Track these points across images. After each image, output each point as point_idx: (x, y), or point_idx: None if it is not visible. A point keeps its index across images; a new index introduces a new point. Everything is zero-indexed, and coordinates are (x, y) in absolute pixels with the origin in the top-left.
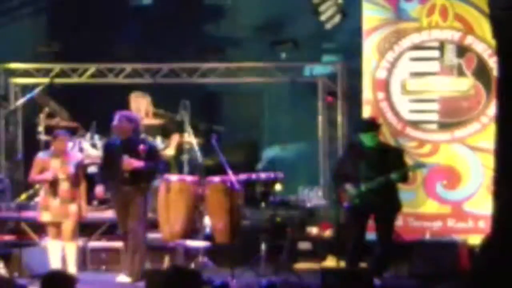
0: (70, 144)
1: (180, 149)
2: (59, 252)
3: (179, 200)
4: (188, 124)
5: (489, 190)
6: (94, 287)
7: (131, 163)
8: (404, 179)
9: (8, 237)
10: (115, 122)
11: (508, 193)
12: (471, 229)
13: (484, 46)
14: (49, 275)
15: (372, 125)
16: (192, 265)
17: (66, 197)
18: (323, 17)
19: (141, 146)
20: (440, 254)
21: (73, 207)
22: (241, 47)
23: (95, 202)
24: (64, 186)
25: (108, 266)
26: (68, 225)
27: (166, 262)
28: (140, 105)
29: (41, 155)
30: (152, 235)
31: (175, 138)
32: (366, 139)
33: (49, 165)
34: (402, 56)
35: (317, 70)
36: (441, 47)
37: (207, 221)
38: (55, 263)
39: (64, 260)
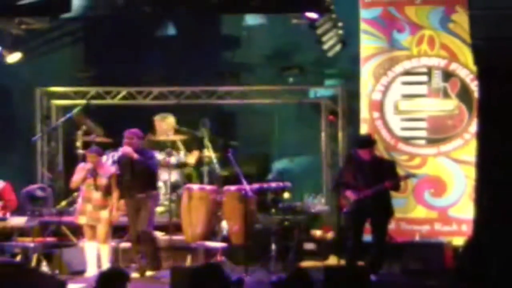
0: (104, 158)
1: (200, 162)
2: (95, 252)
3: (200, 206)
4: (208, 140)
5: (471, 197)
6: None
7: (130, 153)
8: (397, 188)
9: (50, 239)
10: (125, 139)
11: (487, 200)
12: (455, 232)
13: (466, 72)
14: (106, 271)
15: (368, 141)
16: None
17: (98, 204)
18: (325, 46)
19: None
20: (428, 254)
21: (104, 213)
22: (254, 73)
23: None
24: (97, 195)
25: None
26: (101, 229)
27: (188, 261)
28: (163, 126)
29: (81, 164)
30: (176, 237)
31: (196, 153)
32: (364, 152)
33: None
34: (394, 80)
35: (321, 92)
36: (429, 73)
37: (224, 224)
38: (91, 262)
39: (98, 259)
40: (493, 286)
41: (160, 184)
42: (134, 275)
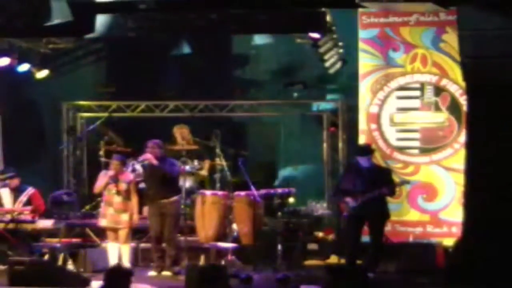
0: (125, 165)
1: (212, 169)
2: (116, 252)
3: (212, 210)
4: (219, 149)
5: (460, 202)
6: (144, 280)
7: (150, 158)
8: (393, 193)
9: (75, 240)
10: (148, 148)
11: (474, 204)
12: (446, 233)
13: (456, 87)
14: (111, 268)
15: (367, 150)
16: (223, 262)
17: (119, 208)
18: (327, 64)
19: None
20: (421, 254)
21: (125, 216)
22: (261, 88)
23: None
24: (117, 199)
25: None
26: (122, 231)
27: (202, 260)
28: (182, 134)
29: (104, 171)
30: (190, 238)
31: (209, 162)
32: (363, 161)
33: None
34: (390, 95)
35: (322, 106)
36: (422, 88)
37: (234, 226)
38: (113, 261)
39: (120, 259)
40: (481, 283)
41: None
42: (153, 273)
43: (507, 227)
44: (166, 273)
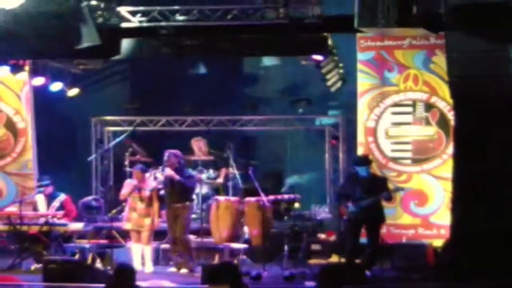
0: (147, 174)
1: (226, 178)
2: (139, 252)
3: (226, 214)
4: (232, 160)
5: (448, 207)
6: (164, 277)
7: (173, 175)
8: (389, 199)
9: (103, 241)
10: (165, 158)
11: (461, 209)
12: (435, 235)
13: (444, 104)
14: (118, 267)
15: (365, 160)
16: (235, 261)
17: (142, 213)
18: (329, 83)
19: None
20: (413, 253)
21: (147, 220)
22: (270, 104)
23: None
24: (141, 205)
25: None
26: (144, 234)
27: (216, 259)
28: (199, 146)
29: (129, 180)
30: (206, 239)
31: (223, 171)
32: (361, 170)
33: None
34: (385, 111)
35: (325, 121)
36: (414, 105)
37: (246, 229)
38: (136, 260)
39: (142, 258)
40: (466, 279)
41: (193, 196)
42: (172, 269)
43: (489, 229)
44: (183, 270)
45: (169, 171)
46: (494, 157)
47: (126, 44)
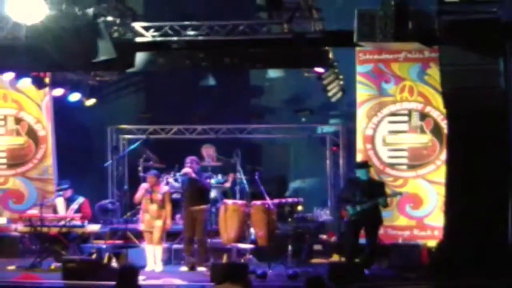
0: (160, 179)
1: (234, 182)
2: (152, 252)
3: (233, 216)
4: (239, 166)
5: (441, 210)
6: (176, 276)
7: (190, 172)
8: (385, 206)
9: (118, 242)
10: (187, 163)
11: (453, 212)
12: (429, 236)
13: (438, 113)
14: (123, 267)
15: (364, 165)
16: (242, 260)
17: (154, 215)
18: (330, 94)
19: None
20: (409, 253)
21: (158, 222)
22: (274, 114)
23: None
24: (153, 208)
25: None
26: (156, 234)
27: (225, 258)
28: (208, 153)
29: (142, 184)
30: (215, 240)
31: (231, 176)
32: (361, 173)
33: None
34: (383, 120)
35: (326, 129)
36: (409, 114)
37: (252, 230)
38: (149, 260)
39: (155, 257)
40: (458, 277)
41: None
42: (184, 268)
43: (480, 231)
44: (200, 268)
45: (186, 169)
46: (482, 163)
47: (140, 57)
